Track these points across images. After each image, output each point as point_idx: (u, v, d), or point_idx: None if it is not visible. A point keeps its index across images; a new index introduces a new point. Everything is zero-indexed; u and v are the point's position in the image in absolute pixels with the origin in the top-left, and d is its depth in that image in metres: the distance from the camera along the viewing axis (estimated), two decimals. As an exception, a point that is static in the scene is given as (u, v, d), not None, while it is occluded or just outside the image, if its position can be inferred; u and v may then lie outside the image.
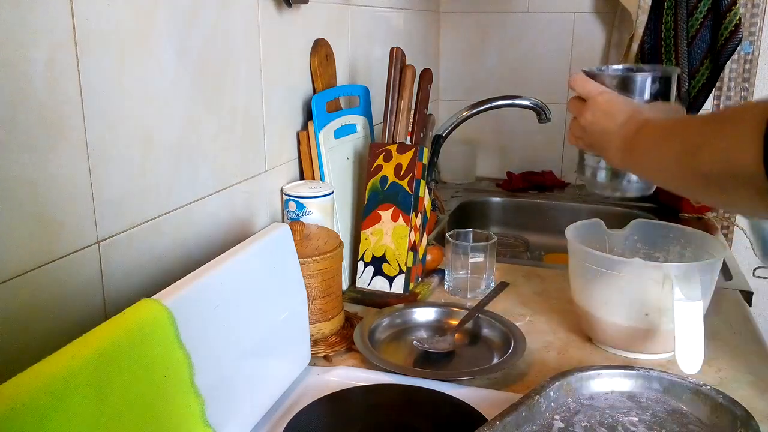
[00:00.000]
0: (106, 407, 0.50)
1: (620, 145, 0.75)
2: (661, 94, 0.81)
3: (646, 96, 0.80)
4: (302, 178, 1.10)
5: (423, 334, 0.96)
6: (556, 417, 0.72)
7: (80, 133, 0.63)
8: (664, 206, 1.65)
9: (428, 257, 1.15)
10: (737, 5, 1.56)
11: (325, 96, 1.09)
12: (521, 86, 1.89)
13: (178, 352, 0.58)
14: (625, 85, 0.81)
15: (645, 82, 0.80)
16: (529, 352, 0.89)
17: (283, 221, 1.03)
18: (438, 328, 0.98)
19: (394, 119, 1.09)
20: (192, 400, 0.59)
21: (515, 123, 1.92)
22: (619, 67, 0.87)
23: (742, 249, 1.79)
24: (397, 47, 1.10)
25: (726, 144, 0.57)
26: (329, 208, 1.03)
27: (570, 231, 0.95)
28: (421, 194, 1.07)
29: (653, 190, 0.85)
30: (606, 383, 0.75)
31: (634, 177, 0.83)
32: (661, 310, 0.84)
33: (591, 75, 0.83)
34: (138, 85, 0.71)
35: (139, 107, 0.71)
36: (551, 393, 0.73)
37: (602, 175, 0.85)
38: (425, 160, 1.08)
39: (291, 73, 1.06)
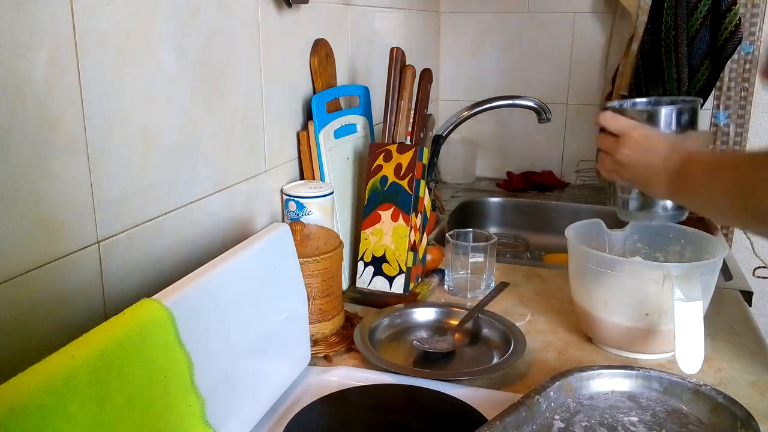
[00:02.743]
0: (106, 407, 0.50)
1: (666, 177, 0.77)
2: (689, 124, 0.83)
3: (674, 127, 0.82)
4: (302, 178, 1.10)
5: (423, 334, 0.96)
6: (556, 417, 0.72)
7: (80, 133, 0.63)
8: (664, 206, 1.65)
9: (428, 257, 1.15)
10: (737, 5, 1.56)
11: (325, 96, 1.09)
12: (521, 86, 1.89)
13: (178, 352, 0.58)
14: (653, 119, 0.82)
15: (673, 114, 0.82)
16: (529, 352, 0.89)
17: (283, 221, 1.03)
18: (438, 328, 0.98)
19: (394, 119, 1.09)
20: (192, 400, 0.59)
21: (515, 123, 1.92)
22: (642, 100, 0.89)
23: (742, 249, 1.79)
24: (397, 47, 1.10)
25: None
26: (329, 208, 1.03)
27: (570, 231, 0.95)
28: (421, 194, 1.07)
29: (684, 218, 0.87)
30: (606, 383, 0.75)
31: (668, 203, 0.85)
32: (661, 310, 0.84)
33: (618, 111, 0.84)
34: (138, 85, 0.71)
35: (139, 107, 0.71)
36: (551, 393, 0.73)
37: (633, 205, 0.87)
38: (425, 160, 1.08)
39: (291, 73, 1.06)
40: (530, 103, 1.30)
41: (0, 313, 0.56)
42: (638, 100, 0.88)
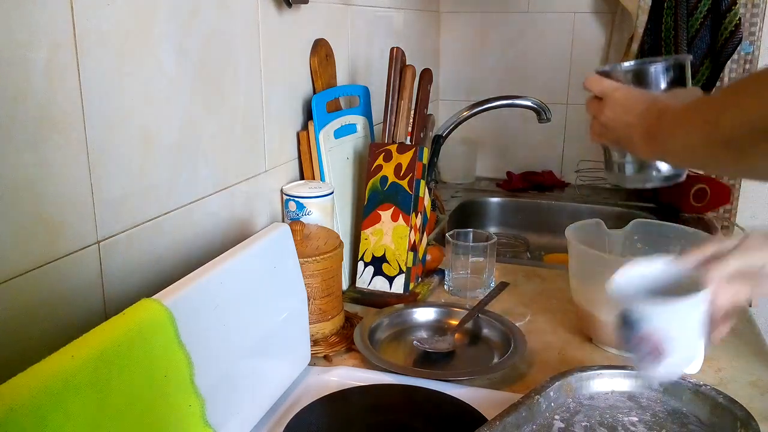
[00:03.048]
0: (106, 407, 0.50)
1: (644, 135, 0.75)
2: (676, 81, 0.80)
3: (663, 85, 0.80)
4: (302, 178, 1.10)
5: (423, 334, 0.96)
6: (556, 417, 0.72)
7: (80, 133, 0.63)
8: (664, 206, 1.65)
9: (428, 257, 1.15)
10: (737, 5, 1.56)
11: (325, 96, 1.09)
12: (521, 86, 1.89)
13: (178, 352, 0.58)
14: (639, 79, 0.80)
15: (658, 71, 0.79)
16: (529, 352, 0.89)
17: (283, 221, 1.03)
18: (438, 328, 0.98)
19: (394, 119, 1.09)
20: (192, 400, 0.59)
21: (515, 123, 1.92)
22: (632, 63, 0.87)
23: (742, 249, 1.79)
24: (397, 47, 1.10)
25: (747, 102, 0.59)
26: (329, 208, 1.03)
27: (570, 231, 0.95)
28: (421, 194, 1.07)
29: (683, 176, 0.84)
30: (606, 383, 0.75)
31: (662, 166, 0.83)
32: (661, 310, 0.84)
33: (604, 73, 0.83)
34: (138, 85, 0.71)
35: (139, 107, 0.71)
36: (551, 393, 0.73)
37: (630, 169, 0.85)
38: (425, 160, 1.08)
39: (291, 73, 1.06)
40: (530, 103, 1.30)
41: (0, 313, 0.56)
42: (627, 63, 0.85)
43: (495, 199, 1.78)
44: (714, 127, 0.63)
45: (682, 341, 0.64)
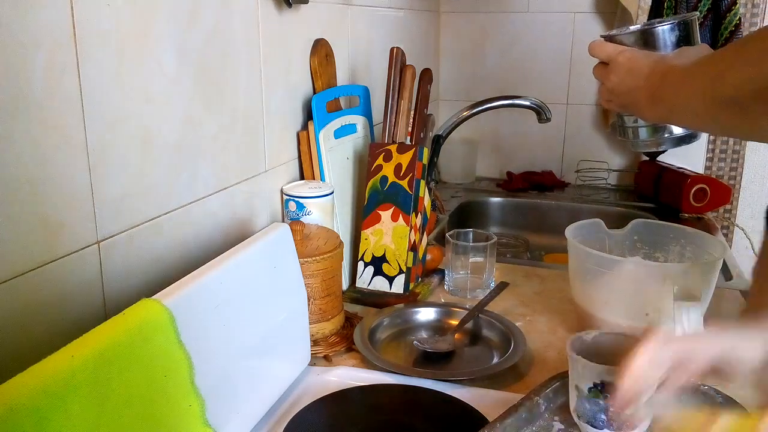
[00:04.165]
0: (106, 407, 0.50)
1: (649, 97, 0.74)
2: (683, 40, 0.78)
3: (669, 45, 0.78)
4: (302, 178, 1.10)
5: (423, 334, 0.96)
6: (556, 418, 0.72)
7: (80, 133, 0.63)
8: (664, 206, 1.65)
9: (428, 257, 1.15)
10: (737, 5, 1.56)
11: (325, 96, 1.09)
12: (521, 86, 1.89)
13: (178, 352, 0.58)
14: (646, 41, 0.78)
15: (664, 32, 0.78)
16: (529, 352, 0.89)
17: (283, 221, 1.03)
18: (438, 328, 0.98)
19: (394, 119, 1.09)
20: (192, 400, 0.59)
21: (515, 123, 1.92)
22: (638, 26, 0.85)
23: (742, 249, 1.79)
24: (397, 47, 1.10)
25: (751, 59, 0.58)
26: (329, 208, 1.03)
27: (570, 231, 0.95)
28: (421, 194, 1.07)
29: (699, 137, 0.83)
30: (606, 383, 0.75)
31: (674, 128, 0.82)
32: (661, 310, 0.84)
33: (609, 38, 0.81)
34: (138, 85, 0.71)
35: (139, 107, 0.71)
36: (551, 394, 0.73)
37: (643, 133, 0.84)
38: (425, 160, 1.08)
39: (291, 73, 1.06)
40: (530, 103, 1.30)
41: (0, 313, 0.56)
42: (634, 26, 0.83)
43: (495, 199, 1.78)
44: (718, 84, 0.62)
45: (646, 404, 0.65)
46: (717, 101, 0.63)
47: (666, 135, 0.83)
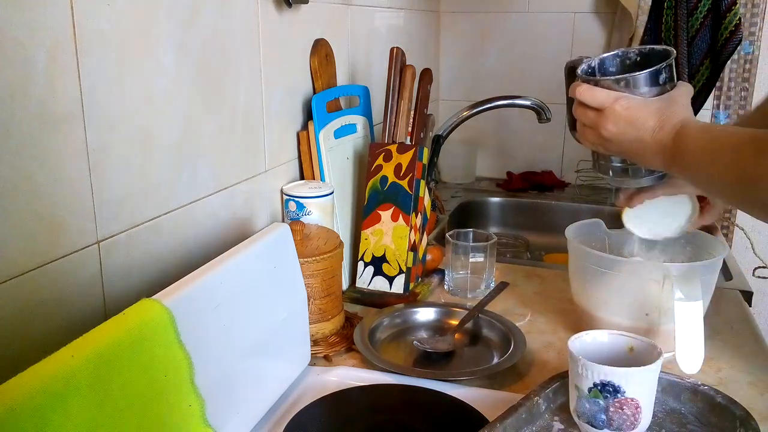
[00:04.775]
0: (106, 407, 0.50)
1: (658, 152, 0.75)
2: (668, 80, 0.79)
3: (654, 88, 0.78)
4: (302, 178, 1.10)
5: (423, 334, 0.96)
6: (556, 418, 0.72)
7: (80, 133, 0.63)
8: (664, 206, 1.65)
9: (428, 257, 1.15)
10: (737, 5, 1.56)
11: (325, 96, 1.09)
12: (521, 86, 1.89)
13: (178, 352, 0.58)
14: (631, 85, 0.78)
15: (650, 77, 0.78)
16: (529, 352, 0.89)
17: (283, 221, 1.03)
18: (438, 328, 0.98)
19: (394, 119, 1.09)
20: (192, 400, 0.59)
21: (515, 123, 1.92)
22: (608, 55, 0.84)
23: (742, 249, 1.79)
24: (397, 47, 1.10)
25: None
26: (329, 208, 1.03)
27: (570, 231, 0.95)
28: (421, 194, 1.07)
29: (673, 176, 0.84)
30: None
31: (649, 169, 0.82)
32: (661, 310, 0.84)
33: (592, 82, 0.80)
34: (138, 85, 0.71)
35: (139, 107, 0.71)
36: (551, 394, 0.73)
37: (618, 170, 0.85)
38: (425, 160, 1.08)
39: (291, 73, 1.06)
40: (530, 103, 1.30)
41: (0, 312, 0.56)
42: (605, 55, 0.83)
43: (495, 199, 1.78)
44: (750, 188, 0.65)
45: (650, 406, 0.67)
46: (749, 201, 0.67)
47: (642, 176, 0.83)
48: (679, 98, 0.78)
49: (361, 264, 1.06)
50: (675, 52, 0.81)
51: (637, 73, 0.78)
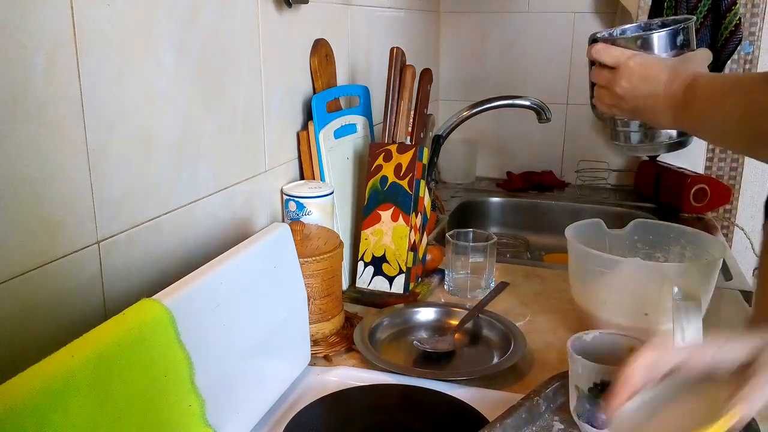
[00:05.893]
0: (106, 407, 0.50)
1: (670, 105, 0.74)
2: (685, 44, 0.78)
3: (670, 50, 0.78)
4: (302, 178, 1.10)
5: (423, 334, 0.96)
6: (556, 418, 0.72)
7: (80, 133, 0.63)
8: (664, 206, 1.65)
9: (428, 257, 1.15)
10: (737, 5, 1.56)
11: (325, 96, 1.09)
12: (521, 86, 1.89)
13: (178, 352, 0.58)
14: (647, 45, 0.77)
15: (667, 37, 0.77)
16: (529, 352, 0.89)
17: (283, 221, 1.03)
18: (438, 328, 0.98)
19: (394, 119, 1.09)
20: (192, 400, 0.59)
21: (515, 123, 1.92)
22: (632, 26, 0.83)
23: (742, 249, 1.79)
24: (397, 47, 1.10)
25: None
26: (329, 208, 1.03)
27: (570, 231, 0.95)
28: (421, 194, 1.07)
29: (690, 143, 0.83)
30: (606, 383, 0.75)
31: (672, 132, 0.82)
32: (661, 310, 0.84)
33: (609, 41, 0.80)
34: (138, 85, 0.71)
35: (139, 107, 0.71)
36: (551, 394, 0.73)
37: (636, 137, 0.84)
38: (425, 160, 1.08)
39: (291, 73, 1.06)
40: (530, 103, 1.30)
41: (0, 313, 0.56)
42: (627, 26, 0.83)
43: (495, 199, 1.78)
44: (756, 119, 0.62)
45: None
46: (753, 134, 0.63)
47: (659, 140, 0.83)
48: (695, 57, 0.76)
49: (361, 264, 1.06)
50: (693, 18, 0.81)
51: (654, 31, 0.78)
